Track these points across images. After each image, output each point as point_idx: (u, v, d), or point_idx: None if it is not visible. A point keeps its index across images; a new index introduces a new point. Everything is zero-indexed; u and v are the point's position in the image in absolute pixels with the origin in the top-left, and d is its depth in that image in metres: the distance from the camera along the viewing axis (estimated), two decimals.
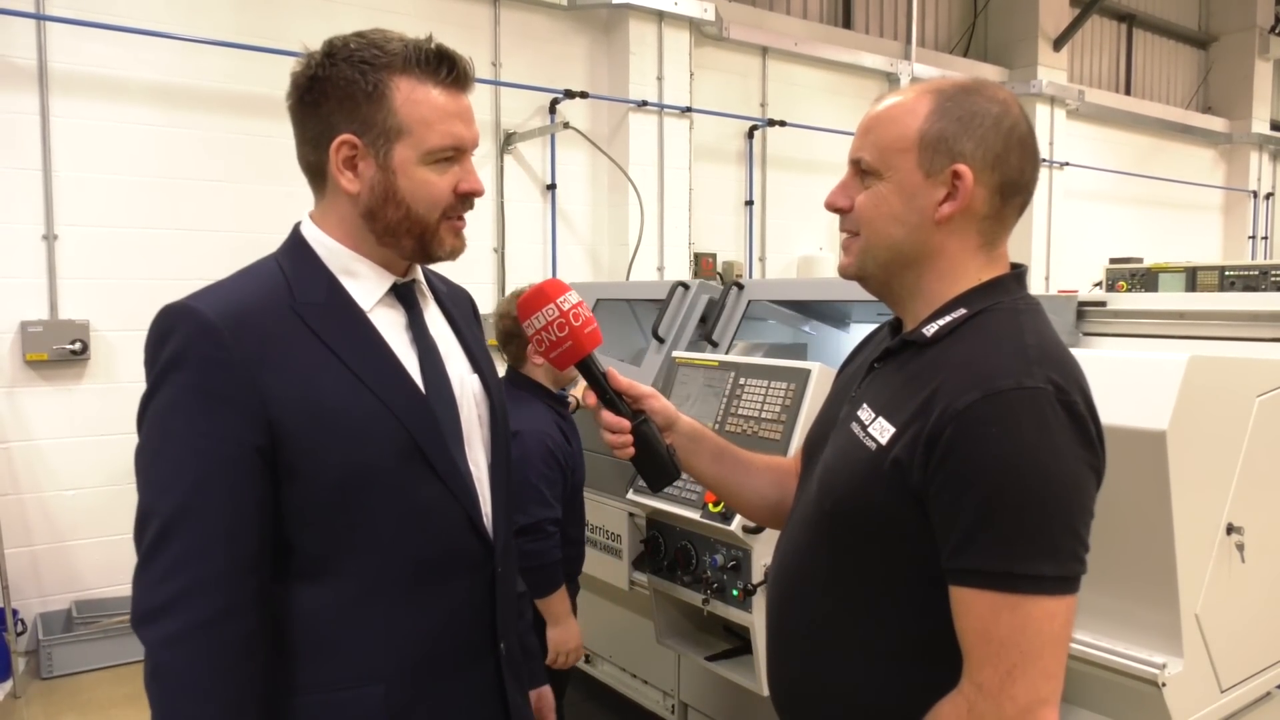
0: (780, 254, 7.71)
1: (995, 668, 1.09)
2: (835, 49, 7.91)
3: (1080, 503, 1.12)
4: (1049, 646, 1.09)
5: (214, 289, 1.28)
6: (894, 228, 1.24)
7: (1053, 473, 1.08)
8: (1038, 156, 1.26)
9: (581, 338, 1.40)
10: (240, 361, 1.20)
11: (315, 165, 1.33)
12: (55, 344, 4.56)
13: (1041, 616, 1.08)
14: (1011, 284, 1.26)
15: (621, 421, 1.43)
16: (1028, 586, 1.07)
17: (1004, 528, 1.08)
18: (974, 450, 1.08)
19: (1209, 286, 5.83)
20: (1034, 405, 1.09)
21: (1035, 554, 1.07)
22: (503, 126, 6.13)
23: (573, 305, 1.41)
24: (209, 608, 1.18)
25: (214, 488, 1.19)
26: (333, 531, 1.26)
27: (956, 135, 1.20)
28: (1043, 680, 1.09)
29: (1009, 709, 1.09)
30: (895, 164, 1.23)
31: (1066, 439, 1.10)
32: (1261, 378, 1.95)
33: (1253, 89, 11.88)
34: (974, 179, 1.19)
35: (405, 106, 1.27)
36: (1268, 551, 1.98)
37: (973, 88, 1.24)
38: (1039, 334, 1.19)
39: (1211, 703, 1.86)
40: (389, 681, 1.29)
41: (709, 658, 2.67)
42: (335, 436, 1.24)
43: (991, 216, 1.23)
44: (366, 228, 1.32)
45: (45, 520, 4.65)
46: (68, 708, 4.07)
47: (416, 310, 1.40)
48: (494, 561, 1.41)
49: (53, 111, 4.58)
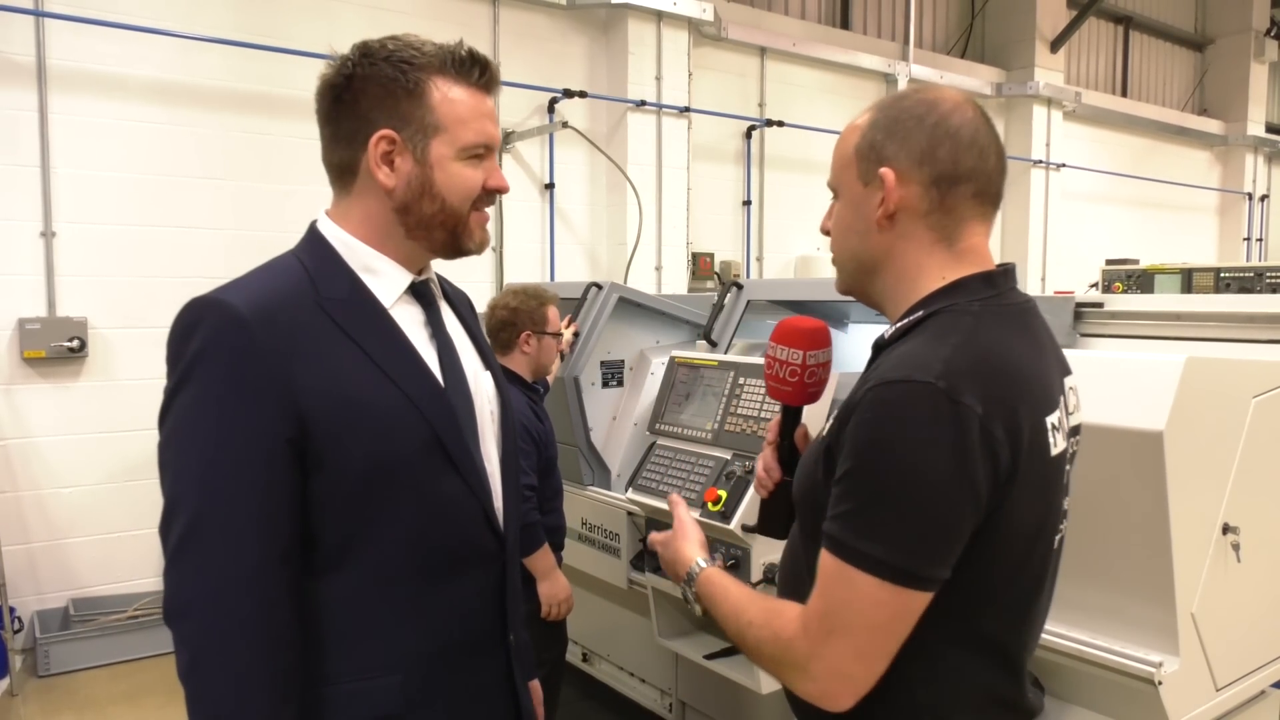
0: (778, 254, 7.72)
1: (823, 622, 1.16)
2: (833, 49, 7.93)
3: (929, 501, 1.10)
4: (868, 630, 1.14)
5: (239, 283, 1.29)
6: (850, 239, 1.32)
7: (906, 465, 1.10)
8: (981, 145, 1.26)
9: (803, 394, 1.48)
10: (270, 353, 1.22)
11: (347, 162, 1.36)
12: (53, 341, 4.55)
13: (868, 598, 1.12)
14: (976, 285, 1.25)
15: (775, 469, 1.51)
16: (857, 561, 1.12)
17: (852, 503, 1.14)
18: (854, 432, 1.15)
19: (1205, 288, 5.86)
20: (910, 398, 1.11)
21: (869, 533, 1.12)
22: (501, 125, 6.14)
23: (818, 364, 1.47)
24: (247, 600, 1.19)
25: (246, 480, 1.20)
26: (354, 522, 1.28)
27: (883, 141, 1.26)
28: (854, 658, 1.15)
29: (816, 665, 1.16)
30: (844, 180, 1.31)
31: (935, 437, 1.10)
32: (1257, 379, 1.96)
33: (1248, 91, 11.93)
34: (898, 178, 1.24)
35: (443, 105, 1.32)
36: (1263, 551, 2.00)
37: (907, 94, 1.29)
38: (971, 333, 1.18)
39: (1207, 701, 1.88)
40: (406, 672, 1.31)
41: (707, 656, 2.68)
42: (361, 428, 1.26)
43: (937, 210, 1.25)
44: (398, 221, 1.35)
45: (42, 518, 4.64)
46: (65, 706, 4.06)
47: (434, 307, 1.43)
48: (505, 554, 1.43)
49: (51, 108, 4.58)
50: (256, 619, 1.19)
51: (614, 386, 3.59)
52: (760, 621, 1.25)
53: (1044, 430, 1.20)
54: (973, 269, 1.27)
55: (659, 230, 6.57)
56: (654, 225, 6.51)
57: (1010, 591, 1.24)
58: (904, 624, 1.14)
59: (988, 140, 1.26)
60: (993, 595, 1.22)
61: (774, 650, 1.22)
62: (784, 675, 1.23)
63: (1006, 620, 1.25)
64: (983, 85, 9.15)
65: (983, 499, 1.13)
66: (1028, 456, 1.16)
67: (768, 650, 1.24)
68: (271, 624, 1.21)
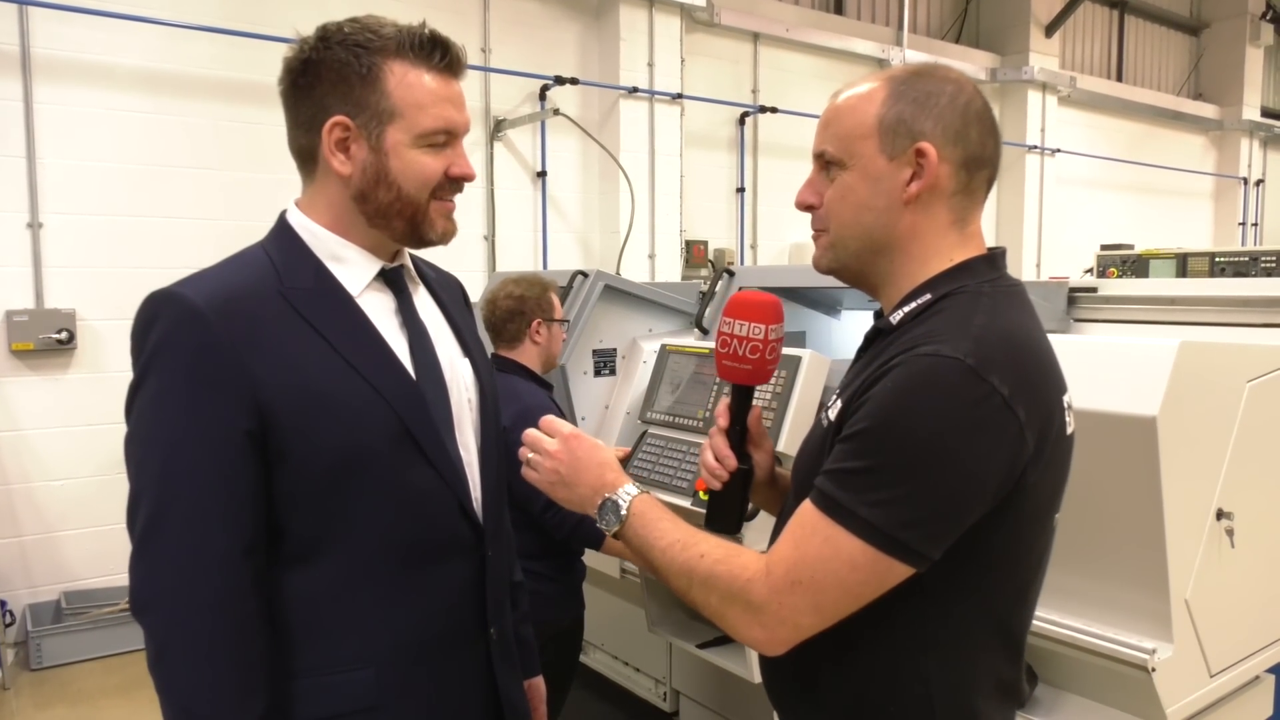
0: (772, 241, 7.70)
1: (790, 572, 1.13)
2: (827, 35, 7.89)
3: (941, 477, 1.08)
4: (837, 590, 1.11)
5: (200, 276, 1.29)
6: (863, 215, 1.25)
7: (924, 436, 1.08)
8: (997, 131, 1.27)
9: (763, 372, 1.39)
10: (228, 345, 1.20)
11: (306, 148, 1.34)
12: (41, 333, 4.53)
13: (847, 560, 1.10)
14: (981, 267, 1.24)
15: (730, 458, 1.41)
16: (847, 521, 1.09)
17: (857, 462, 1.11)
18: (879, 395, 1.12)
19: (1200, 273, 5.85)
20: (933, 370, 1.09)
21: (862, 494, 1.09)
22: (493, 113, 6.10)
23: (776, 339, 1.39)
24: (210, 592, 1.19)
25: (206, 473, 1.20)
26: (323, 515, 1.26)
27: (915, 116, 1.22)
28: (811, 611, 1.13)
29: (770, 610, 1.13)
30: (858, 151, 1.24)
31: (951, 411, 1.08)
32: (1252, 363, 1.95)
33: (1243, 75, 11.91)
34: (938, 155, 1.21)
35: (399, 90, 1.29)
36: (1257, 537, 1.99)
37: (924, 71, 1.26)
38: (992, 314, 1.17)
39: (1201, 687, 1.87)
40: (379, 665, 1.30)
41: (700, 645, 2.67)
42: (324, 420, 1.24)
43: (960, 192, 1.23)
44: (357, 210, 1.33)
45: (33, 511, 4.62)
46: (57, 699, 4.05)
47: (405, 295, 1.40)
48: (484, 546, 1.41)
49: (36, 98, 4.53)
50: (221, 610, 1.19)
51: (606, 375, 3.57)
52: (719, 556, 1.19)
53: (1062, 410, 1.19)
54: (976, 251, 1.26)
55: (652, 218, 6.54)
56: (647, 213, 6.49)
57: (1017, 573, 1.22)
58: (873, 590, 1.12)
59: (997, 127, 1.27)
60: (1005, 578, 1.20)
61: (728, 586, 1.17)
62: (729, 613, 1.18)
63: (1012, 602, 1.23)
64: (977, 70, 9.12)
65: (998, 482, 1.10)
66: (1050, 436, 1.15)
67: (721, 585, 1.17)
68: (237, 615, 1.20)
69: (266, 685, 1.23)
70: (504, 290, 2.84)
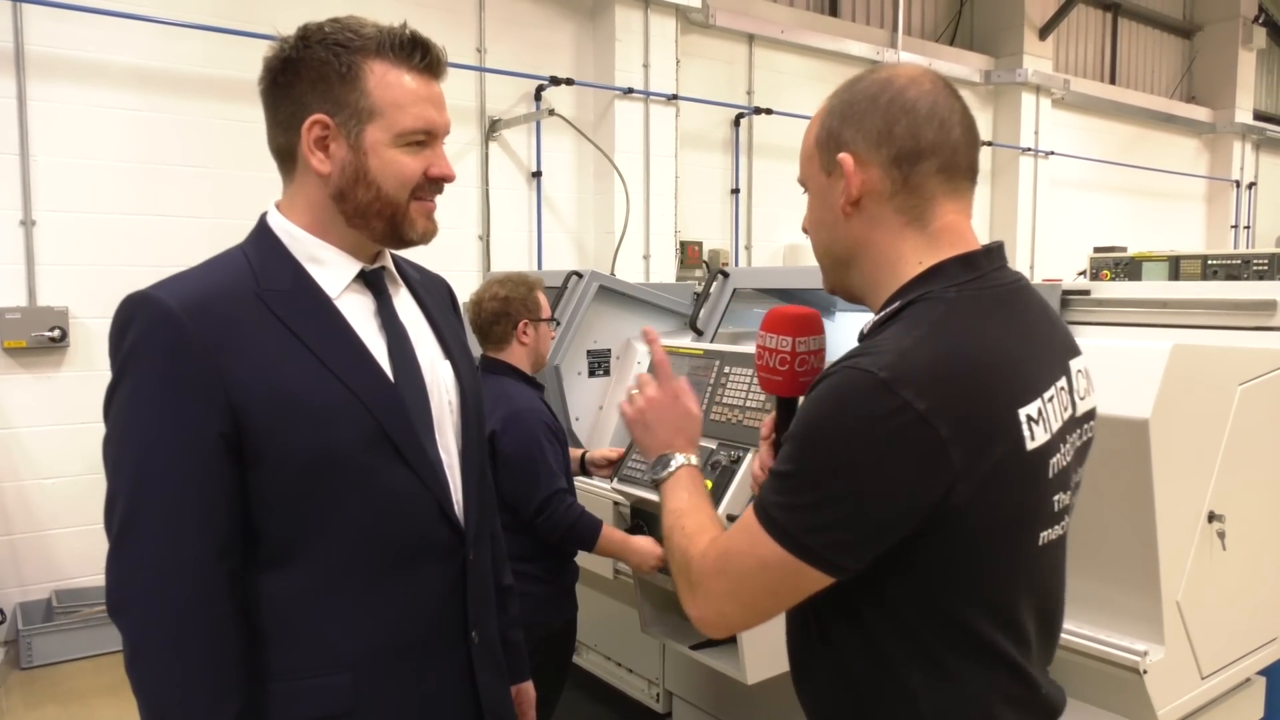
0: (767, 242, 7.70)
1: (719, 559, 1.19)
2: (821, 37, 7.89)
3: (844, 487, 1.08)
4: (754, 586, 1.17)
5: (176, 278, 1.29)
6: (821, 233, 1.30)
7: (828, 448, 1.09)
8: (942, 116, 1.20)
9: (795, 383, 1.41)
10: (201, 348, 1.20)
11: (286, 147, 1.34)
12: (33, 331, 4.51)
13: (759, 554, 1.14)
14: (954, 269, 1.19)
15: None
16: (762, 518, 1.14)
17: (780, 465, 1.16)
18: (802, 406, 1.18)
19: (1192, 275, 5.86)
20: (846, 383, 1.10)
21: (779, 496, 1.13)
22: (487, 113, 6.09)
23: (809, 351, 1.40)
24: (183, 593, 1.19)
25: (179, 474, 1.20)
26: (299, 517, 1.26)
27: (839, 127, 1.24)
28: (730, 600, 1.19)
29: (700, 591, 1.21)
30: (809, 173, 1.29)
31: (857, 425, 1.07)
32: (1244, 366, 1.96)
33: (1236, 79, 11.94)
34: (856, 162, 1.21)
35: (378, 89, 1.29)
36: (1248, 539, 2.00)
37: (859, 77, 1.26)
38: (941, 326, 1.13)
39: (1192, 689, 1.88)
40: (357, 668, 1.29)
41: (693, 646, 2.67)
42: (299, 422, 1.24)
43: (901, 191, 1.20)
44: (336, 209, 1.33)
45: (25, 509, 4.60)
46: (48, 698, 4.04)
47: (385, 296, 1.40)
48: (465, 549, 1.40)
49: (30, 95, 4.52)
50: (194, 611, 1.19)
51: (600, 375, 3.58)
52: (689, 531, 1.27)
53: (1018, 426, 1.12)
54: (951, 251, 1.21)
55: (647, 219, 6.54)
56: (641, 214, 6.48)
57: (994, 590, 1.18)
58: (790, 591, 1.16)
59: (949, 111, 1.21)
60: (975, 594, 1.17)
61: (683, 558, 1.25)
62: (679, 583, 1.26)
63: (997, 620, 1.19)
64: (971, 73, 9.14)
65: (914, 497, 1.07)
66: (992, 453, 1.09)
67: (679, 556, 1.26)
68: (210, 617, 1.20)
69: (241, 688, 1.22)
70: (489, 291, 2.80)
